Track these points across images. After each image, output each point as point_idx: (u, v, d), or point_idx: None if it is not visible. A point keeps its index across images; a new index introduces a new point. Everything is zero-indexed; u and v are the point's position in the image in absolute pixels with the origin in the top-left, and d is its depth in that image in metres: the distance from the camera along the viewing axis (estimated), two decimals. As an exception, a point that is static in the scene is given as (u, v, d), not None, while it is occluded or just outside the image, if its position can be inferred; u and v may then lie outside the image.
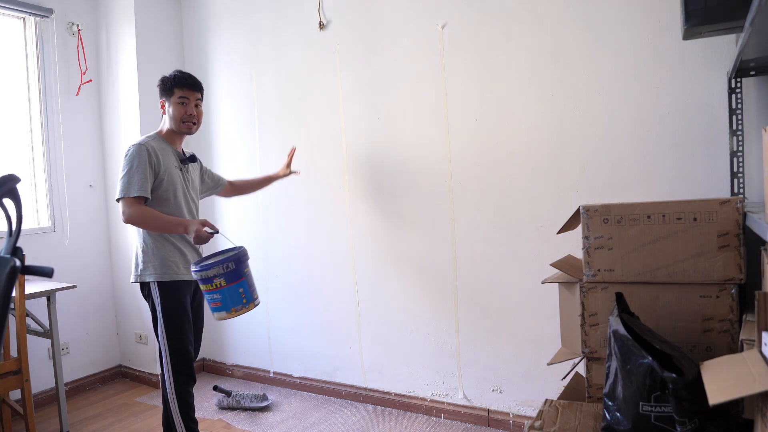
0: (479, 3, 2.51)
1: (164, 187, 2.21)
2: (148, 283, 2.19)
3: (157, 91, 2.33)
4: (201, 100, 2.35)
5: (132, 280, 2.25)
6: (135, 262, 2.24)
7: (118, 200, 2.15)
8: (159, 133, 2.32)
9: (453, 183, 2.65)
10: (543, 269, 2.32)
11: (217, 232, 2.11)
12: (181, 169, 2.31)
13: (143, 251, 2.21)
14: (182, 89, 2.27)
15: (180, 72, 2.32)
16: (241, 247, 2.08)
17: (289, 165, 2.86)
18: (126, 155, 2.18)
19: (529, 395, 2.53)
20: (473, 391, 2.69)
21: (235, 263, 1.94)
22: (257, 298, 2.05)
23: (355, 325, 3.03)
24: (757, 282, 1.62)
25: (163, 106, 2.31)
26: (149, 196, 2.15)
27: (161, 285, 2.19)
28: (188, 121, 2.30)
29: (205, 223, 2.11)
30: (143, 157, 2.14)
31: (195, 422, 2.26)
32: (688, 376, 1.36)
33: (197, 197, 2.43)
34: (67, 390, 3.21)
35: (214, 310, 1.99)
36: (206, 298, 2.01)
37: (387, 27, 2.78)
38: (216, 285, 1.91)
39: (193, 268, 1.98)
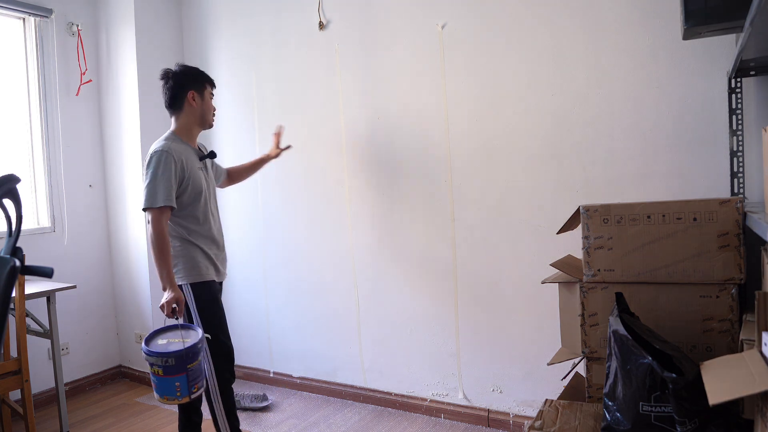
0: (479, 3, 2.51)
1: (189, 192, 2.18)
2: (180, 285, 2.17)
3: (163, 84, 2.25)
4: None
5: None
6: None
7: (144, 209, 2.11)
8: (176, 133, 2.26)
9: (453, 183, 2.65)
10: (543, 269, 2.32)
11: (177, 320, 2.07)
12: (201, 169, 2.28)
13: (173, 255, 2.17)
14: (212, 86, 2.33)
15: (196, 67, 2.32)
16: (197, 341, 1.96)
17: (277, 145, 2.82)
18: (149, 162, 2.12)
19: (529, 395, 2.54)
20: (473, 391, 2.69)
21: (176, 360, 1.89)
22: (198, 390, 1.96)
23: (355, 325, 3.03)
24: (757, 282, 1.62)
25: (193, 99, 2.26)
26: (175, 206, 2.13)
27: (194, 286, 2.19)
28: (214, 116, 2.36)
29: (179, 302, 2.06)
30: (168, 165, 2.10)
31: (237, 418, 2.28)
32: (688, 376, 1.36)
33: (215, 194, 2.40)
34: (67, 390, 3.21)
35: (154, 388, 1.96)
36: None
37: (387, 27, 2.78)
38: (154, 371, 1.90)
39: (143, 345, 1.94)
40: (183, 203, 2.18)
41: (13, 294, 2.25)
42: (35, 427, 2.55)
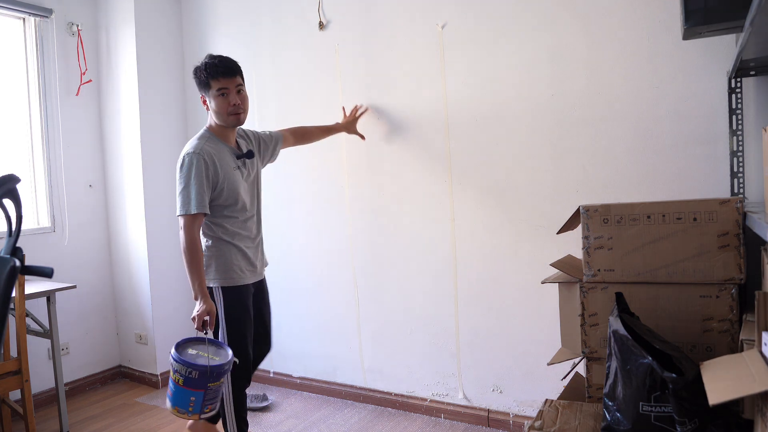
0: (479, 3, 2.51)
1: (225, 195, 2.10)
2: (211, 288, 2.10)
3: (187, 85, 2.16)
4: (243, 83, 2.16)
5: None
6: None
7: (178, 216, 2.04)
8: (210, 129, 2.16)
9: (453, 183, 2.65)
10: (543, 269, 2.32)
11: (205, 334, 2.00)
12: (238, 168, 2.17)
13: (207, 255, 2.11)
14: (218, 79, 2.08)
15: (211, 58, 2.11)
16: (224, 363, 1.90)
17: (353, 119, 2.77)
18: (181, 166, 2.04)
19: (529, 395, 2.53)
20: (473, 391, 2.69)
21: (199, 375, 1.84)
22: (210, 411, 1.90)
23: (355, 325, 3.03)
24: (757, 282, 1.62)
25: (204, 102, 2.15)
26: (208, 212, 2.06)
27: (225, 290, 2.12)
28: (234, 113, 2.12)
29: (210, 314, 1.99)
30: (200, 170, 2.01)
31: (246, 423, 2.23)
32: (688, 376, 1.36)
33: (259, 188, 2.30)
34: (66, 390, 3.20)
35: (168, 395, 1.93)
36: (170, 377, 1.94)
37: (387, 27, 2.78)
38: (175, 378, 1.86)
39: (172, 351, 1.88)
40: (220, 205, 2.11)
41: (13, 294, 2.26)
42: (35, 427, 2.55)
